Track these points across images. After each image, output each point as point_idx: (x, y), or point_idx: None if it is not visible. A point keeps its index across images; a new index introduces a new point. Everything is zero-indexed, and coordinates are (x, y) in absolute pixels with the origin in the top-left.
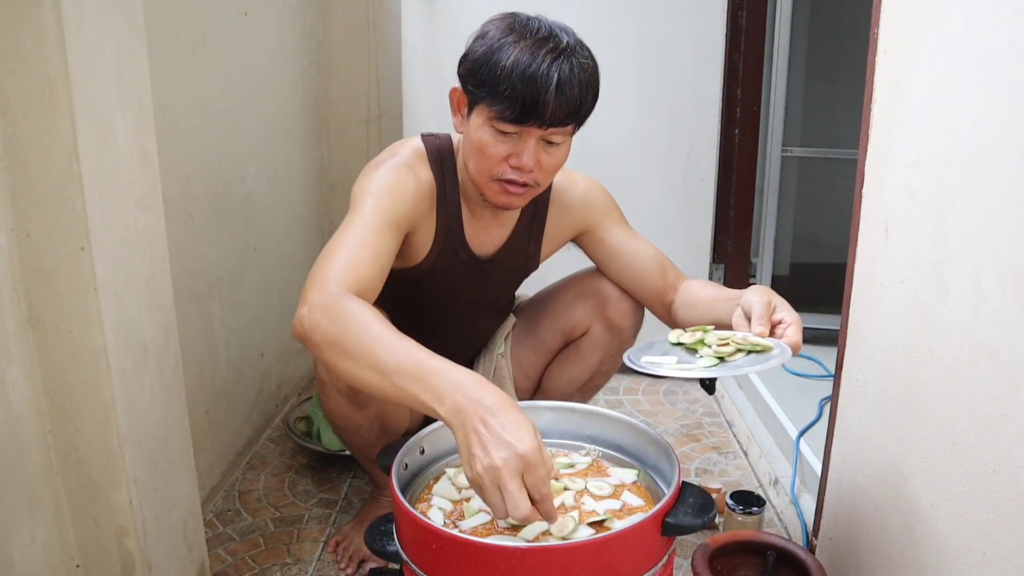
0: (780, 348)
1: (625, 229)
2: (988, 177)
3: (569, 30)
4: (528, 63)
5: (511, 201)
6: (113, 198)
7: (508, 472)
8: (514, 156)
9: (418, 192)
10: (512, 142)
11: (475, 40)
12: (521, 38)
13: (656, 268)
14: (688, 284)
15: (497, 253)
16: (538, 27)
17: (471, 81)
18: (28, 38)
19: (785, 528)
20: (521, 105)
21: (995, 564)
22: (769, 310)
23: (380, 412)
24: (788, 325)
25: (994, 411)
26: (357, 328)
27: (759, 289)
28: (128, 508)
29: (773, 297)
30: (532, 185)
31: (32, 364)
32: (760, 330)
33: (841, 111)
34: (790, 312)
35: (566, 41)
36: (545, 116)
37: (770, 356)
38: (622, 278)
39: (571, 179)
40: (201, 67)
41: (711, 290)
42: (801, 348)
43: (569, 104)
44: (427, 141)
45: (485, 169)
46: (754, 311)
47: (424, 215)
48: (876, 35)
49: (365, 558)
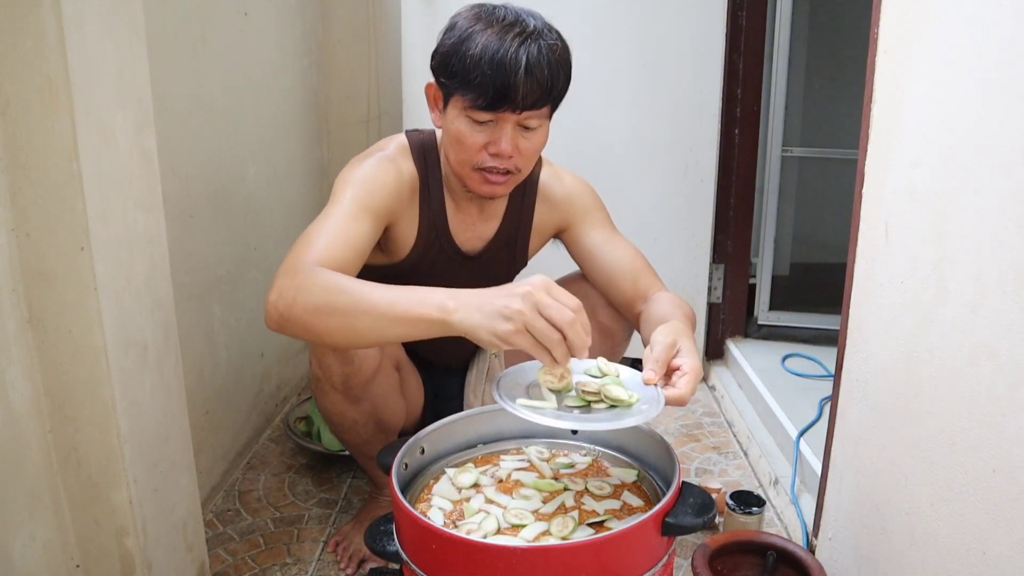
0: (651, 405)
1: (604, 231)
2: (988, 177)
3: (536, 14)
4: (496, 49)
5: (494, 190)
6: (113, 198)
7: (539, 292)
8: (492, 144)
9: (399, 183)
10: (489, 130)
11: (445, 33)
12: (488, 25)
13: (627, 275)
14: (657, 297)
15: (484, 249)
16: (504, 14)
17: (443, 73)
18: (28, 38)
19: (785, 528)
20: (493, 91)
21: (995, 564)
22: (670, 353)
23: (374, 407)
24: (683, 375)
25: (994, 411)
26: (336, 285)
27: (670, 329)
28: (128, 508)
29: (680, 339)
30: (513, 171)
31: (32, 364)
32: (649, 376)
33: (841, 111)
34: (692, 358)
35: (533, 24)
36: (517, 100)
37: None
38: (595, 281)
39: (558, 175)
40: (201, 67)
41: (667, 310)
42: (688, 402)
43: (540, 86)
44: (411, 136)
45: (465, 159)
46: (652, 352)
47: (405, 208)
48: (876, 35)
49: (365, 558)
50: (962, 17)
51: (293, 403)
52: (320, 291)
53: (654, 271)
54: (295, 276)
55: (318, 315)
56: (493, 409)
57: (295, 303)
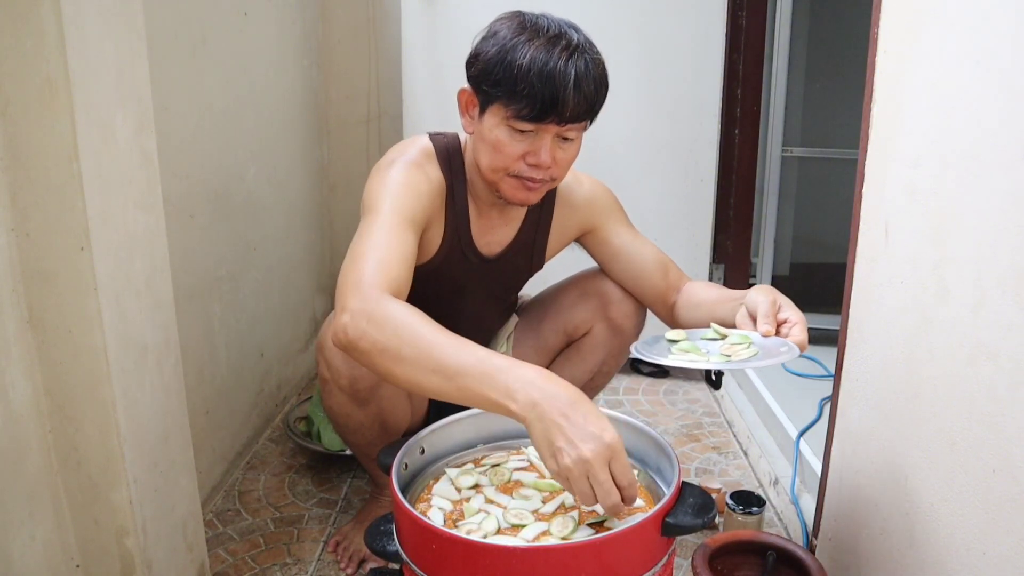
0: (788, 346)
1: (628, 229)
2: (988, 177)
3: (577, 27)
4: (545, 61)
5: (528, 197)
6: (113, 198)
7: (599, 462)
8: (531, 154)
9: (431, 191)
10: (529, 140)
11: (484, 40)
12: (534, 36)
13: (659, 269)
14: (691, 285)
15: (503, 252)
16: (548, 25)
17: (485, 81)
18: (28, 38)
19: (785, 528)
20: (541, 103)
21: (995, 564)
22: (774, 309)
23: (380, 410)
24: (793, 324)
25: (994, 411)
26: (409, 332)
27: (763, 288)
28: (128, 508)
29: (778, 296)
30: (548, 181)
31: (32, 364)
32: (766, 329)
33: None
34: (795, 311)
35: (576, 39)
36: (565, 113)
37: (777, 353)
38: (624, 278)
39: (577, 179)
40: (201, 67)
41: (714, 291)
42: (807, 347)
43: (587, 100)
44: (435, 140)
45: (501, 167)
46: (759, 310)
47: (435, 214)
48: (876, 35)
49: (365, 558)
50: (962, 17)
51: (293, 403)
52: (391, 333)
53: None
54: (366, 301)
55: (384, 356)
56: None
57: (365, 336)
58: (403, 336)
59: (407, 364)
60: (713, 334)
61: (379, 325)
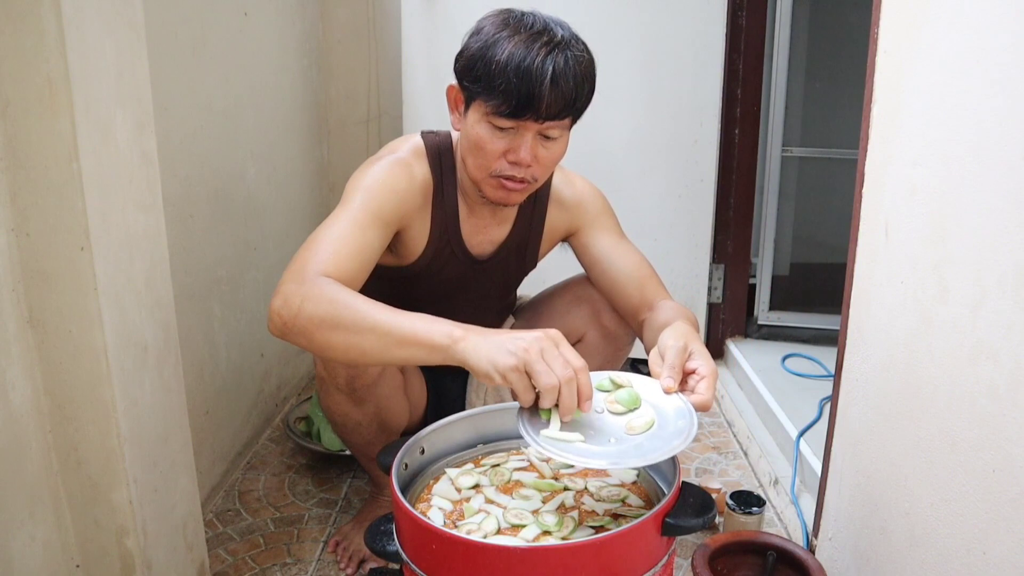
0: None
1: (612, 237)
2: (988, 177)
3: (564, 24)
4: (523, 57)
5: (509, 197)
6: (113, 198)
7: (549, 342)
8: (511, 151)
9: (411, 189)
10: (509, 137)
11: (470, 36)
12: (516, 32)
13: (634, 283)
14: (661, 305)
15: (495, 253)
16: (532, 21)
17: (467, 77)
18: (28, 38)
19: (785, 528)
20: (517, 99)
21: (995, 564)
22: (683, 357)
23: (378, 409)
24: (701, 379)
25: (994, 411)
26: (344, 301)
27: (678, 331)
28: (128, 508)
29: (691, 342)
30: (530, 180)
31: (32, 364)
32: (668, 384)
33: (841, 111)
34: (706, 361)
35: (560, 35)
36: (541, 109)
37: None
38: (601, 287)
39: (569, 180)
40: (201, 67)
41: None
42: (710, 407)
43: (564, 97)
44: (426, 138)
45: (483, 165)
46: (666, 358)
47: (417, 212)
48: (876, 35)
49: (365, 558)
50: (962, 17)
51: (293, 403)
52: (327, 304)
53: (660, 280)
54: (302, 284)
55: (322, 328)
56: (493, 409)
57: (300, 312)
58: (338, 304)
59: (345, 329)
60: (610, 385)
61: (314, 300)
